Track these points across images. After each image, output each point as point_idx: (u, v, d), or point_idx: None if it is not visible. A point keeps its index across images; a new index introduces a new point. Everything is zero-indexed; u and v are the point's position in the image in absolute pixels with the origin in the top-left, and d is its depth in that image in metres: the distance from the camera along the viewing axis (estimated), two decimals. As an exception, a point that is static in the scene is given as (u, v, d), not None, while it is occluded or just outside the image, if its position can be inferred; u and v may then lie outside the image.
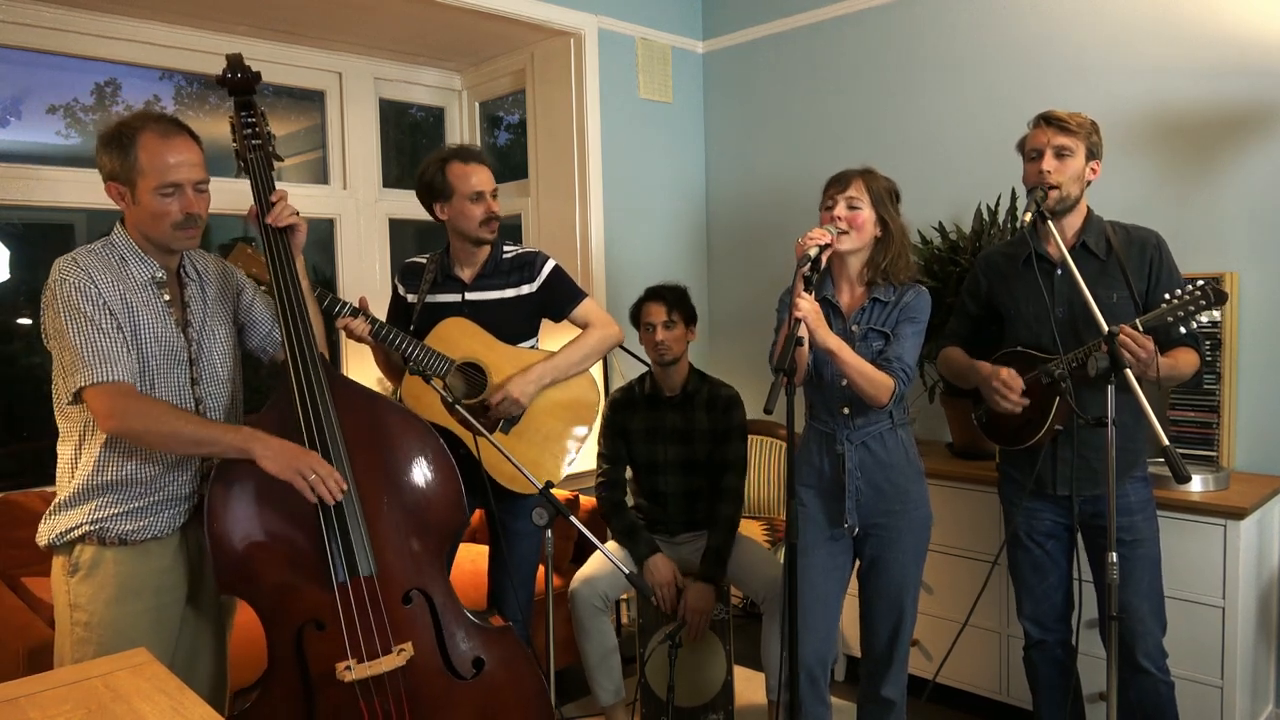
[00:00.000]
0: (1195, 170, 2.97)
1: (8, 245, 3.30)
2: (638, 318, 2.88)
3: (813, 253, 2.13)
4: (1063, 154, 2.23)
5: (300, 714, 1.90)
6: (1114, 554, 2.03)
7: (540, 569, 2.92)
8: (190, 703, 1.39)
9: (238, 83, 2.13)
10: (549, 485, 2.13)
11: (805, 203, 2.76)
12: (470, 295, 2.61)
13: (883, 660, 2.38)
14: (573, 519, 2.09)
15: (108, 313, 1.84)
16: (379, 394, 2.20)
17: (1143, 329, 2.08)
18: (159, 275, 1.95)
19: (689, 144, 4.29)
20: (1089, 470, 2.28)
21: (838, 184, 2.29)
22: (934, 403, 3.39)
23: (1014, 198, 3.14)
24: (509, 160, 4.43)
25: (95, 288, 1.84)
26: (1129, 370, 1.97)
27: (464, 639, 2.05)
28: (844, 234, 2.23)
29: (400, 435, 2.08)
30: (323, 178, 3.98)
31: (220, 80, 2.13)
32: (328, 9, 3.41)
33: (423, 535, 2.06)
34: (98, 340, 1.81)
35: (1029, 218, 2.19)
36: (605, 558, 2.44)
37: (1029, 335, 2.34)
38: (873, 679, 2.41)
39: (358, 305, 2.41)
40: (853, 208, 2.26)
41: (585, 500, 3.38)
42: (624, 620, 3.70)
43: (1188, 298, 2.05)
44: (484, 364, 2.54)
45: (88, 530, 1.88)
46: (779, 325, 2.37)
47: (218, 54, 2.44)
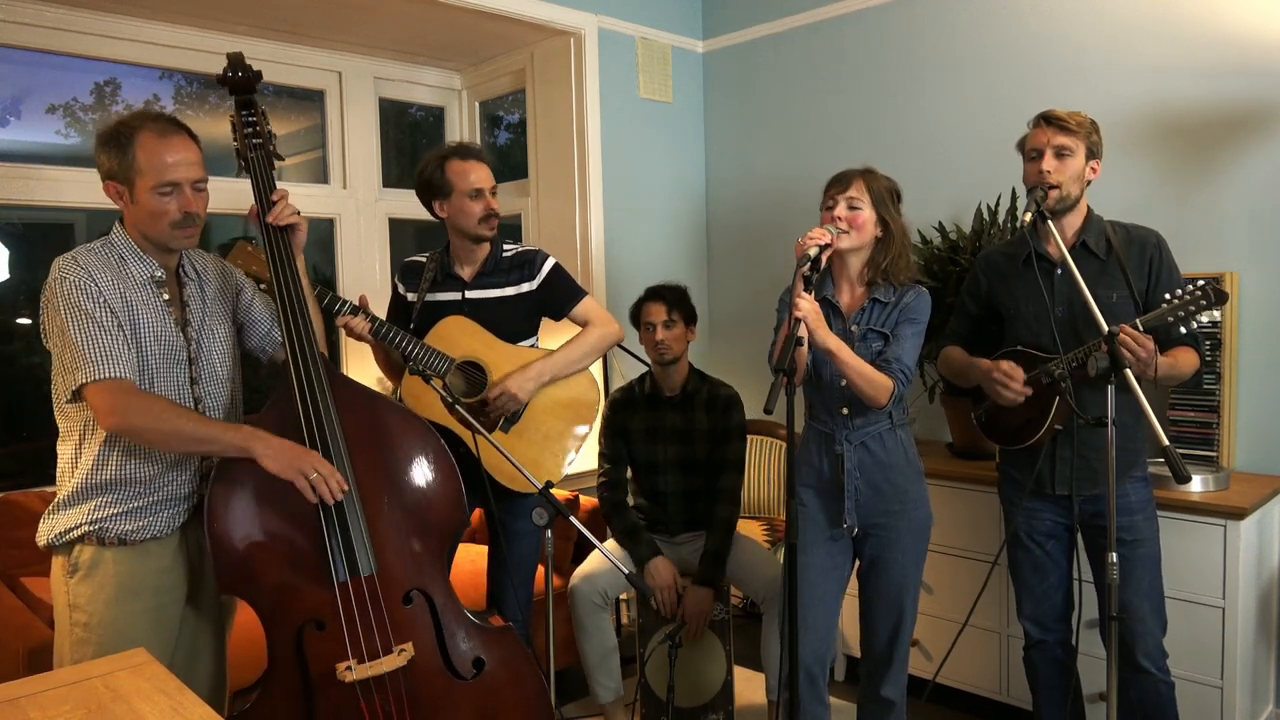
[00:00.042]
0: (1195, 170, 2.97)
1: (8, 245, 3.30)
2: (638, 317, 2.88)
3: (812, 252, 2.13)
4: (1063, 154, 2.23)
5: (300, 714, 1.89)
6: (1114, 554, 2.03)
7: (540, 569, 2.92)
8: (190, 703, 1.39)
9: (238, 81, 2.13)
10: (549, 485, 2.13)
11: (805, 203, 2.76)
12: (470, 294, 2.60)
13: (882, 660, 2.38)
14: (573, 519, 2.08)
15: (108, 310, 1.83)
16: (379, 393, 2.20)
17: (1143, 329, 2.07)
18: (158, 274, 1.95)
19: (689, 144, 4.29)
20: (1089, 470, 2.28)
21: (838, 184, 2.29)
22: (934, 403, 3.39)
23: (1014, 198, 3.14)
24: (509, 160, 4.43)
25: (95, 285, 1.83)
26: (1129, 370, 1.97)
27: (464, 639, 2.05)
28: (844, 233, 2.23)
29: (401, 435, 2.08)
30: (323, 177, 3.98)
31: (221, 79, 2.13)
32: (328, 9, 3.41)
33: (423, 535, 2.06)
34: (99, 337, 1.81)
35: (1029, 217, 2.19)
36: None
37: (1029, 335, 2.34)
38: (872, 679, 2.41)
39: (358, 303, 2.41)
40: (853, 208, 2.26)
41: (585, 500, 3.38)
42: (624, 621, 3.70)
43: (1188, 297, 2.05)
44: (484, 362, 2.54)
45: (87, 530, 1.87)
46: (779, 325, 2.37)
47: (218, 53, 2.44)
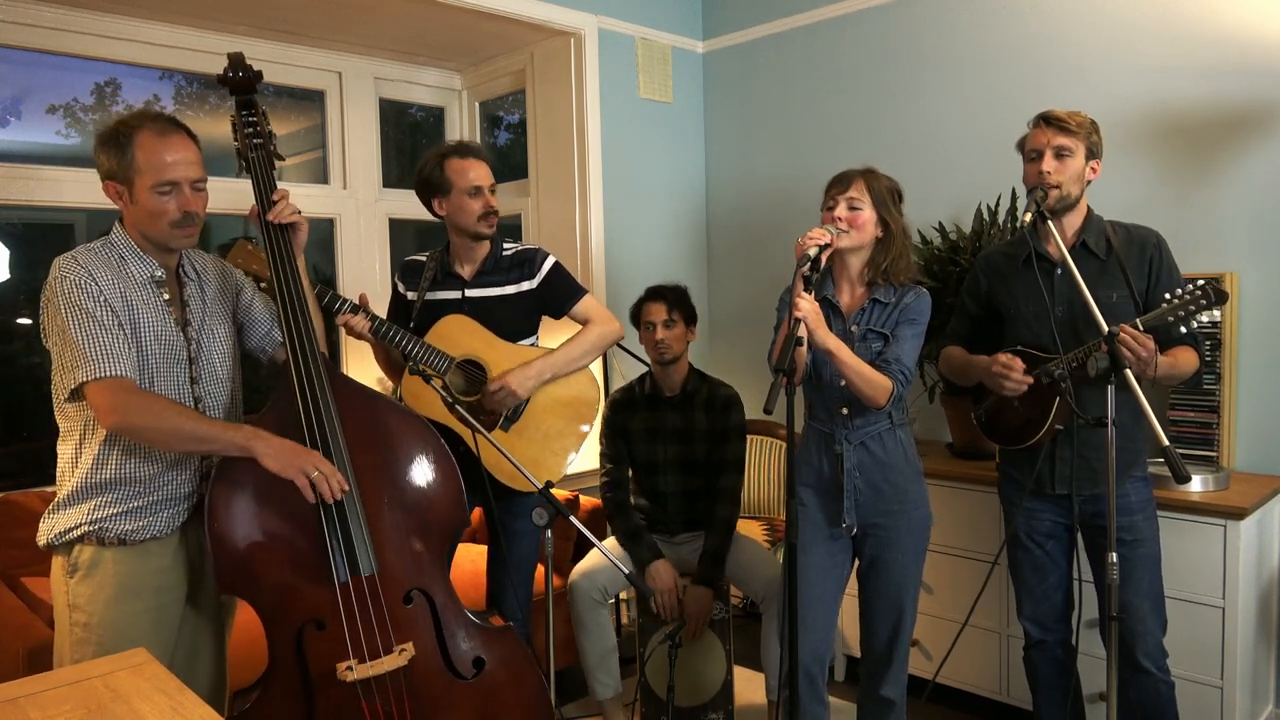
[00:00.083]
0: (1195, 170, 2.97)
1: (8, 245, 3.30)
2: (638, 317, 2.89)
3: (812, 252, 2.13)
4: (1063, 154, 2.23)
5: (300, 714, 1.89)
6: (1114, 554, 2.03)
7: (540, 568, 2.92)
8: (190, 703, 1.39)
9: (239, 81, 2.13)
10: (549, 485, 2.13)
11: (805, 203, 2.76)
12: (470, 292, 2.60)
13: (882, 660, 2.38)
14: (573, 519, 2.08)
15: (109, 309, 1.83)
16: (380, 393, 2.20)
17: (1143, 328, 2.07)
18: (158, 274, 1.95)
19: (689, 144, 4.29)
20: (1089, 470, 2.28)
21: (839, 184, 2.29)
22: (934, 403, 3.39)
23: (1014, 198, 3.14)
24: (509, 160, 4.43)
25: (96, 284, 1.83)
26: (1129, 370, 1.97)
27: (464, 639, 2.05)
28: (843, 233, 2.23)
29: (401, 435, 2.08)
30: (323, 177, 3.98)
31: (221, 79, 2.13)
32: (328, 9, 3.41)
33: (423, 535, 2.06)
34: (99, 335, 1.81)
35: (1029, 217, 2.19)
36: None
37: (1029, 335, 2.34)
38: (872, 679, 2.41)
39: (358, 302, 2.41)
40: (854, 208, 2.26)
41: (585, 500, 3.38)
42: (624, 620, 3.70)
43: (1188, 297, 2.05)
44: (484, 361, 2.54)
45: (87, 530, 1.87)
46: (778, 325, 2.37)
47: (218, 54, 2.44)
